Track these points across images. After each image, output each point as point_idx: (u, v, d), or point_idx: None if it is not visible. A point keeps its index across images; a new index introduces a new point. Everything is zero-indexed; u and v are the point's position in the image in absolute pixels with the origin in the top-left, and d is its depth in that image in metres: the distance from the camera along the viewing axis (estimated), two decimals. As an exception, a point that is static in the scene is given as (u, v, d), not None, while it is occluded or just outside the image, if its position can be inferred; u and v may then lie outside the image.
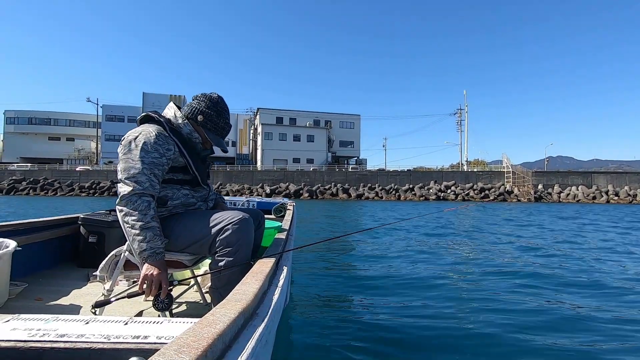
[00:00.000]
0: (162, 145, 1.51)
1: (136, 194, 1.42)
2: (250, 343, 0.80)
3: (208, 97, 1.70)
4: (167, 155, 1.53)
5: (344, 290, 3.58)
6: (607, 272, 4.37)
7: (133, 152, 1.47)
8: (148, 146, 1.47)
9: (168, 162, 1.54)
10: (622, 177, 35.33)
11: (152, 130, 1.52)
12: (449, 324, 2.65)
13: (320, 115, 53.11)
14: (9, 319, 0.94)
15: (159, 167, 1.49)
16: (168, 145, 1.54)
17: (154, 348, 0.80)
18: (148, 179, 1.45)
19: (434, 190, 34.05)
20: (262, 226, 1.88)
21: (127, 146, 1.48)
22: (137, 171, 1.44)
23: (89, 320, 0.96)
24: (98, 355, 0.81)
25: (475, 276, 4.17)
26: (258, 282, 1.12)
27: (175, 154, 1.57)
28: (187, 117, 1.67)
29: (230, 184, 35.51)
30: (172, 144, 1.56)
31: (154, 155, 1.48)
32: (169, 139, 1.55)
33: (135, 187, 1.42)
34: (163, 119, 1.61)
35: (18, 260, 1.88)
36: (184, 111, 1.69)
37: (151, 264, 1.39)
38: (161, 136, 1.52)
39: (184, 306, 1.95)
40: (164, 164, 1.52)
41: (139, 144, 1.47)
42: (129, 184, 1.43)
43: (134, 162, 1.45)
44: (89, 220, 2.47)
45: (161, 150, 1.50)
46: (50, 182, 35.59)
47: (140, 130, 1.53)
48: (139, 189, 1.42)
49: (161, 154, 1.50)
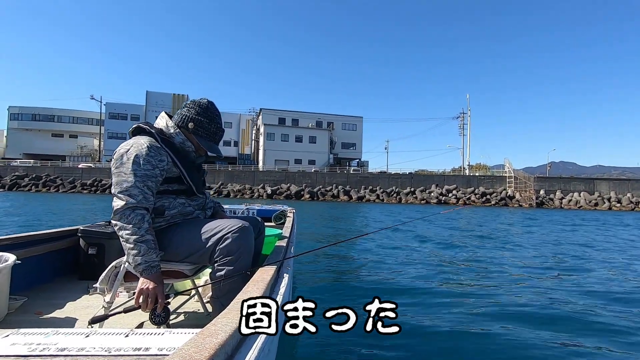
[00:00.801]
0: (154, 157, 1.49)
1: (129, 208, 1.40)
2: (253, 353, 0.79)
3: (197, 103, 1.69)
4: (160, 167, 1.52)
5: (346, 296, 3.56)
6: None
7: (125, 165, 1.45)
8: (140, 159, 1.46)
9: (162, 174, 1.53)
10: (624, 184, 35.19)
11: (144, 142, 1.50)
12: (452, 329, 2.63)
13: (323, 117, 53.12)
14: (9, 334, 0.93)
15: (152, 179, 1.48)
16: (160, 157, 1.52)
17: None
18: (141, 192, 1.43)
19: (435, 194, 34.00)
20: (262, 234, 1.87)
21: (119, 160, 1.47)
22: (129, 184, 1.42)
23: (90, 334, 0.95)
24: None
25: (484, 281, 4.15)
26: (259, 290, 1.11)
27: (169, 164, 1.56)
28: (178, 125, 1.65)
29: (231, 184, 35.55)
30: (164, 154, 1.54)
31: (146, 167, 1.46)
32: (161, 150, 1.54)
33: (128, 200, 1.40)
34: (155, 130, 1.60)
35: (17, 274, 1.86)
36: (174, 120, 1.67)
37: (147, 278, 1.38)
38: (153, 148, 1.51)
39: (185, 316, 1.94)
40: (157, 176, 1.50)
41: (130, 157, 1.46)
42: (122, 197, 1.41)
43: (126, 176, 1.44)
44: (88, 232, 2.45)
45: (153, 162, 1.49)
46: (52, 178, 35.71)
47: (132, 142, 1.52)
48: (132, 203, 1.40)
49: (154, 166, 1.49)
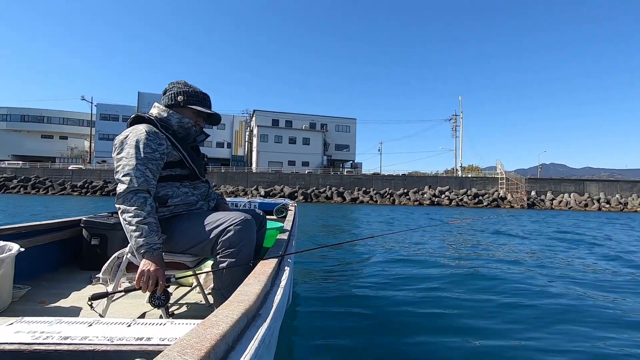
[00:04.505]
0: (153, 141, 1.53)
1: (132, 191, 1.43)
2: (253, 344, 0.80)
3: (176, 82, 1.75)
4: (160, 150, 1.55)
5: (346, 290, 3.59)
6: None
7: (125, 150, 1.50)
8: (140, 143, 1.50)
9: (162, 157, 1.56)
10: (613, 185, 35.85)
11: (142, 128, 1.55)
12: (454, 326, 2.65)
13: (317, 119, 53.23)
14: (13, 322, 0.95)
15: (153, 162, 1.51)
16: (160, 140, 1.56)
17: (157, 350, 0.80)
18: (142, 174, 1.46)
19: (428, 195, 34.22)
20: (264, 227, 1.88)
21: (120, 146, 1.52)
22: (130, 167, 1.45)
23: (92, 323, 0.96)
24: (102, 357, 0.81)
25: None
26: (260, 283, 1.12)
27: (168, 148, 1.59)
28: (170, 105, 1.69)
29: (224, 186, 35.39)
30: (163, 138, 1.58)
31: (146, 150, 1.50)
32: (160, 134, 1.58)
33: (130, 184, 1.44)
34: (153, 117, 1.64)
35: (21, 264, 1.88)
36: (163, 102, 1.72)
37: (148, 260, 1.38)
38: (151, 132, 1.55)
39: (187, 307, 1.95)
40: (157, 159, 1.53)
41: (130, 142, 1.51)
42: (124, 181, 1.44)
43: (127, 160, 1.47)
44: (91, 223, 2.47)
45: (153, 146, 1.52)
46: (41, 180, 35.17)
47: (131, 129, 1.57)
48: (134, 186, 1.43)
49: (153, 149, 1.52)
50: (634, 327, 2.75)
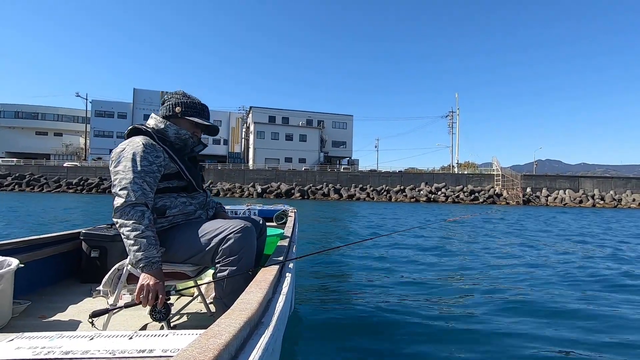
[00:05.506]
0: (150, 154, 1.53)
1: (129, 205, 1.42)
2: (257, 353, 0.80)
3: (174, 92, 1.75)
4: (157, 163, 1.54)
5: (349, 294, 3.57)
6: None
7: (122, 163, 1.49)
8: (137, 156, 1.49)
9: (159, 170, 1.55)
10: (607, 181, 36.22)
11: (139, 141, 1.54)
12: (464, 335, 2.59)
13: (313, 115, 53.10)
14: (13, 338, 0.94)
15: (150, 175, 1.50)
16: (157, 153, 1.55)
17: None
18: (140, 188, 1.45)
19: (425, 192, 34.36)
20: (264, 234, 1.88)
21: (117, 159, 1.51)
22: (128, 181, 1.44)
23: (94, 336, 0.96)
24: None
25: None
26: (262, 290, 1.12)
27: (166, 160, 1.58)
28: (166, 117, 1.69)
29: (221, 183, 35.31)
30: (160, 151, 1.57)
31: (143, 164, 1.49)
32: (157, 147, 1.57)
33: (127, 197, 1.43)
34: (150, 129, 1.64)
35: (20, 278, 1.87)
36: (161, 113, 1.71)
37: (147, 274, 1.38)
38: (148, 145, 1.54)
39: (188, 317, 1.94)
40: (154, 172, 1.52)
41: (127, 155, 1.50)
42: (122, 195, 1.43)
43: (124, 174, 1.46)
44: (90, 235, 2.46)
45: (150, 159, 1.52)
46: (36, 177, 34.91)
47: (127, 142, 1.56)
48: (131, 200, 1.42)
49: (151, 162, 1.51)
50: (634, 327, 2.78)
